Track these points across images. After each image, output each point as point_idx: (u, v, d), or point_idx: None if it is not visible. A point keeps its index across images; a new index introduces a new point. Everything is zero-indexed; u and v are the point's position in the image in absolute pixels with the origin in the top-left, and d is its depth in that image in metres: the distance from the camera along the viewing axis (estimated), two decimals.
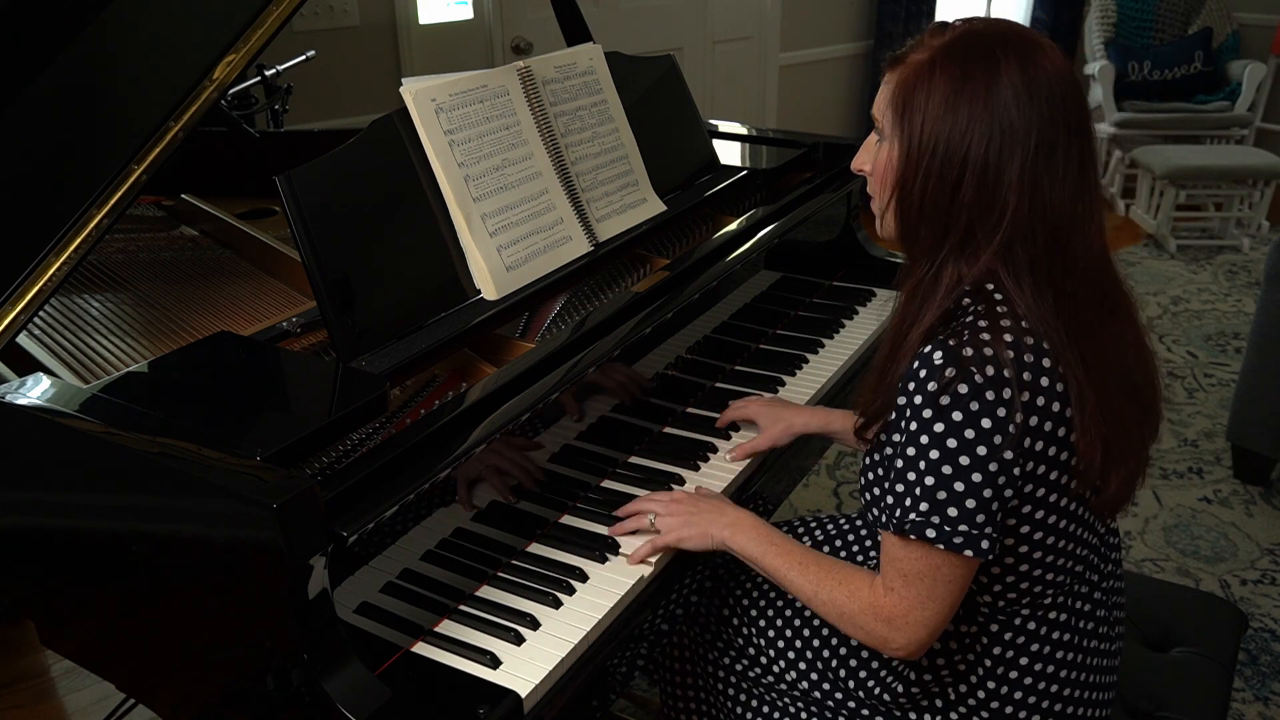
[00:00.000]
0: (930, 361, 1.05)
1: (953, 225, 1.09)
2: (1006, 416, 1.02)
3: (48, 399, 1.16)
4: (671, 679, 1.54)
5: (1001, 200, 1.06)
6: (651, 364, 1.55)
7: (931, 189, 1.09)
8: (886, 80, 1.15)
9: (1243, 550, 2.57)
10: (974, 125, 1.06)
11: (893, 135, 1.12)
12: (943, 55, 1.08)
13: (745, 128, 2.22)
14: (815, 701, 1.35)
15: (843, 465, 3.00)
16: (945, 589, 1.08)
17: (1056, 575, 1.17)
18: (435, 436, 1.18)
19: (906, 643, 1.10)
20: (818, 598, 1.18)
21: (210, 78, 1.31)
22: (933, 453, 1.04)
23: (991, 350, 1.03)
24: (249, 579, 1.03)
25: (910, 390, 1.06)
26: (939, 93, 1.07)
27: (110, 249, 1.78)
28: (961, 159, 1.06)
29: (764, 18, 4.50)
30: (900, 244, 1.17)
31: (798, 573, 1.20)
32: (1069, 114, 1.07)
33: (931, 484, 1.05)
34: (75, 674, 2.21)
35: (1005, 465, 1.04)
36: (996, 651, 1.20)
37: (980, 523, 1.04)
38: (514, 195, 1.48)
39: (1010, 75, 1.05)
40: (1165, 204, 4.55)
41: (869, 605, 1.12)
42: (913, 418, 1.06)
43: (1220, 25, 5.10)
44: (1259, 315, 2.67)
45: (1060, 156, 1.07)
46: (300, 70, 2.67)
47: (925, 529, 1.05)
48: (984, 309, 1.08)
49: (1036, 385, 1.05)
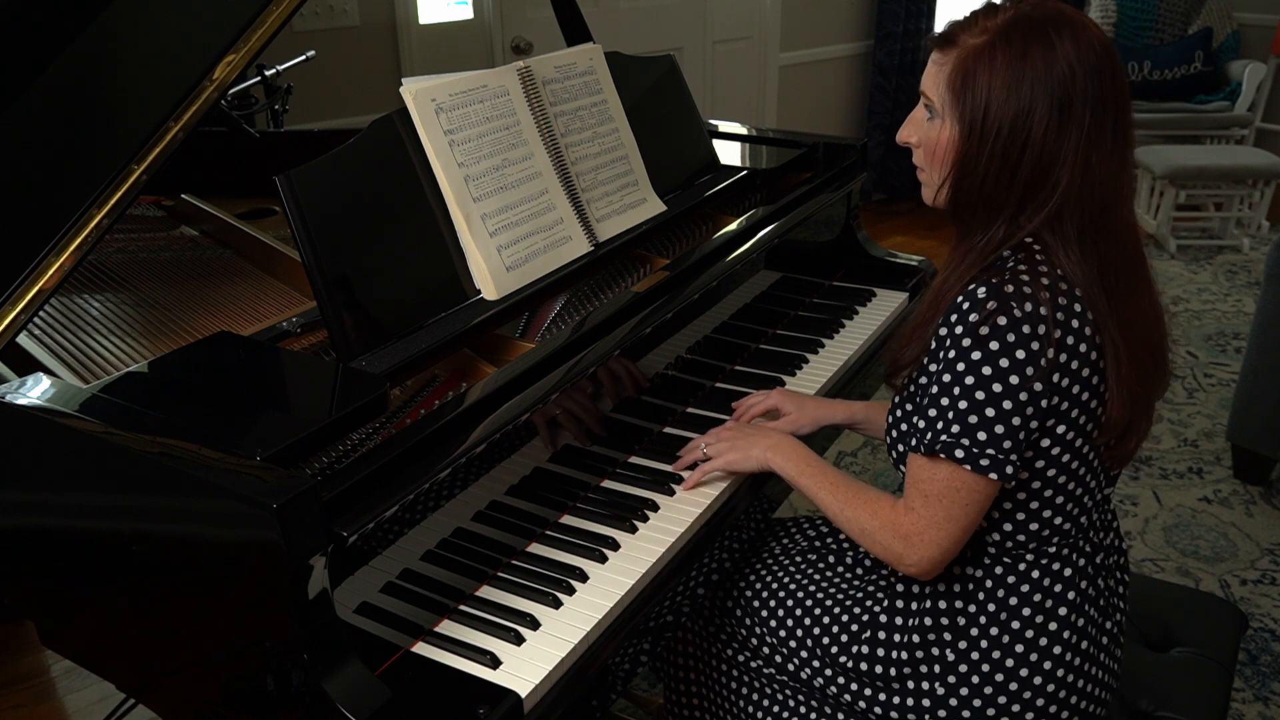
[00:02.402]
0: (974, 295, 1.11)
1: (1009, 200, 1.15)
2: (1039, 350, 1.09)
3: (48, 399, 1.16)
4: (675, 672, 1.54)
5: (1056, 176, 1.12)
6: (652, 364, 1.55)
7: (995, 169, 1.14)
8: (938, 60, 1.18)
9: (1243, 550, 2.57)
10: (1036, 105, 1.11)
11: (951, 115, 1.16)
12: (1001, 36, 1.13)
13: (745, 128, 2.21)
14: (819, 691, 1.36)
15: (843, 465, 3.00)
16: (962, 511, 1.14)
17: (1063, 521, 1.21)
18: (435, 436, 1.18)
19: (919, 559, 1.17)
20: (844, 514, 1.26)
21: (210, 78, 1.30)
22: (968, 378, 1.11)
23: (1031, 289, 1.10)
24: (249, 579, 1.03)
25: (952, 321, 1.13)
26: (1001, 75, 1.12)
27: (110, 249, 1.78)
28: (1024, 139, 1.12)
29: (764, 18, 4.50)
30: (953, 217, 1.22)
31: (828, 492, 1.28)
32: (1115, 89, 1.12)
33: (965, 408, 1.11)
34: (75, 674, 2.21)
35: (1034, 396, 1.10)
36: (1000, 595, 1.23)
37: (1006, 448, 1.11)
38: (514, 195, 1.48)
39: (1066, 55, 1.10)
40: (1165, 204, 4.54)
41: (889, 522, 1.20)
42: (951, 346, 1.12)
43: (1220, 25, 5.10)
44: (1259, 315, 2.67)
45: (1109, 132, 1.12)
46: (300, 70, 2.67)
47: (955, 449, 1.12)
48: (1024, 257, 1.15)
49: (1069, 326, 1.11)
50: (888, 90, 4.90)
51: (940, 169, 1.20)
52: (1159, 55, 5.01)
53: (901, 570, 1.21)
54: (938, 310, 1.18)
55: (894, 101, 4.93)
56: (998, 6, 1.17)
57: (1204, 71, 5.00)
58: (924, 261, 2.13)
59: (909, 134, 1.24)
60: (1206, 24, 5.09)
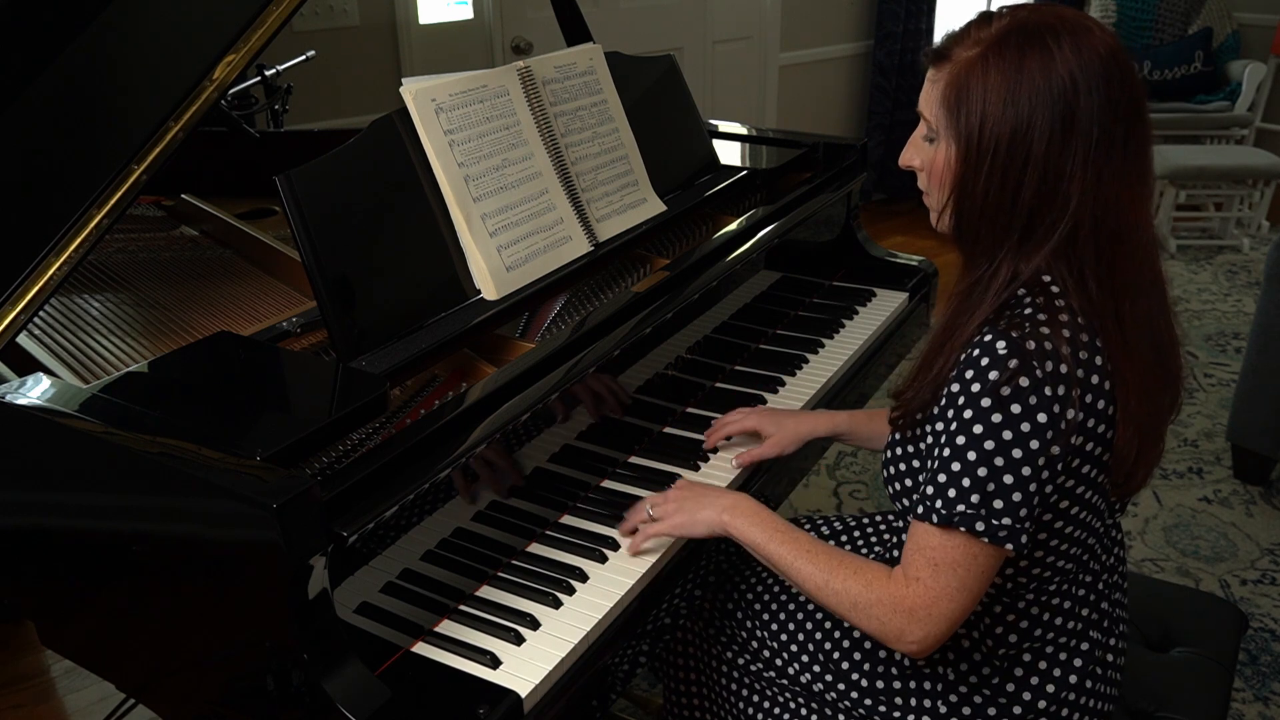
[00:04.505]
0: (994, 350, 1.02)
1: (1014, 223, 1.06)
2: (1060, 413, 1.02)
3: (48, 399, 1.16)
4: (675, 674, 1.54)
5: (1064, 195, 1.04)
6: (652, 364, 1.55)
7: (995, 189, 1.06)
8: (933, 78, 1.11)
9: (1243, 550, 2.57)
10: (1035, 119, 1.02)
11: (948, 135, 1.09)
12: (994, 48, 1.05)
13: (745, 128, 2.21)
14: (818, 695, 1.36)
15: (843, 465, 3.00)
16: (975, 581, 1.06)
17: (1064, 562, 1.17)
18: (435, 436, 1.18)
19: (924, 635, 1.07)
20: (829, 586, 1.13)
21: (210, 78, 1.30)
22: (987, 443, 1.02)
23: (1052, 345, 1.02)
24: (249, 579, 1.03)
25: (968, 378, 1.04)
26: (995, 89, 1.03)
27: (110, 249, 1.78)
28: (1024, 156, 1.03)
29: (764, 18, 4.50)
30: (957, 243, 1.15)
31: (805, 560, 1.15)
32: (1125, 96, 1.04)
33: (984, 475, 1.03)
34: (75, 674, 2.21)
35: (1051, 461, 1.03)
36: (999, 632, 1.20)
37: (1023, 517, 1.04)
38: (514, 195, 1.48)
39: (1066, 63, 1.02)
40: (1165, 204, 4.54)
41: (888, 596, 1.08)
42: (967, 405, 1.04)
43: (1220, 25, 5.10)
44: (1259, 315, 2.67)
45: (1119, 144, 1.04)
46: (300, 70, 2.67)
47: (975, 521, 1.03)
48: (1042, 302, 1.06)
49: (1088, 383, 1.05)
50: (888, 90, 4.90)
51: (942, 192, 1.12)
52: (1159, 55, 5.01)
53: (898, 650, 1.09)
54: (948, 349, 1.10)
55: (894, 101, 4.93)
56: (992, 15, 1.09)
57: (1204, 71, 5.00)
58: (924, 261, 2.13)
59: (910, 157, 1.17)
60: (1206, 24, 5.09)
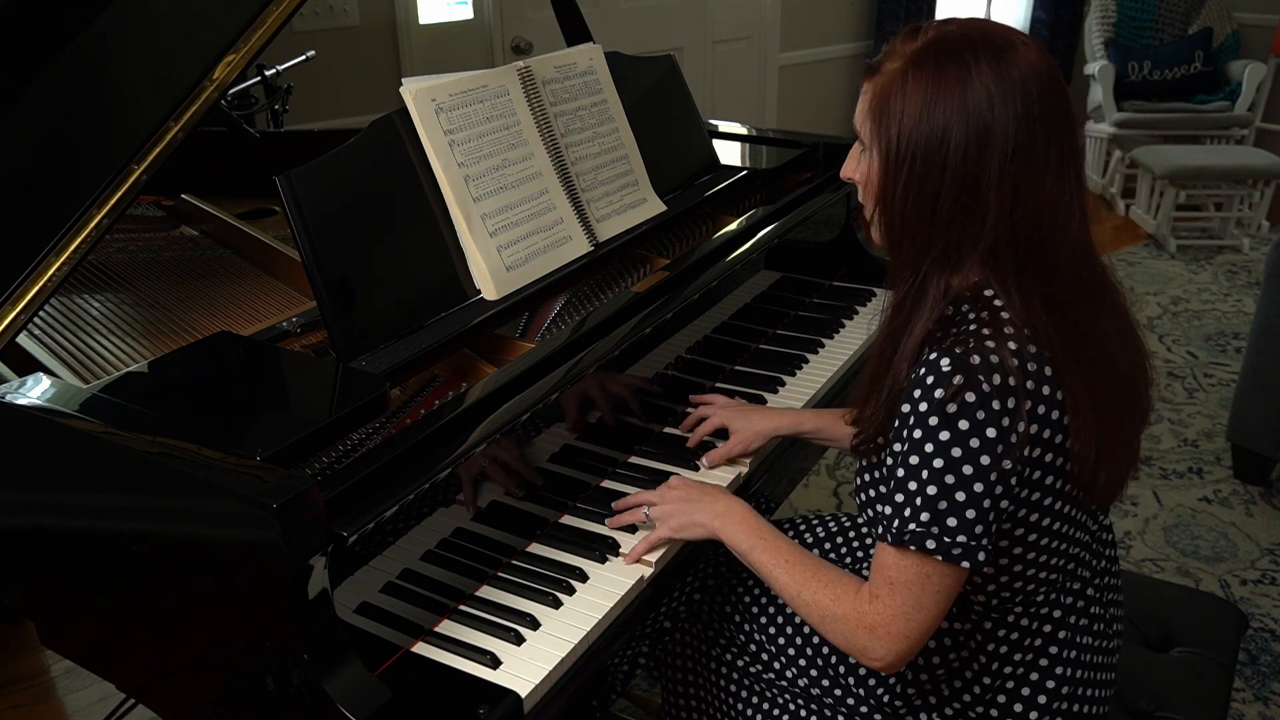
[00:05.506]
0: (938, 369, 1.03)
1: (935, 235, 1.08)
2: (1010, 426, 1.02)
3: (48, 399, 1.16)
4: (673, 675, 1.54)
5: (982, 207, 1.05)
6: (652, 364, 1.55)
7: (912, 199, 1.07)
8: (864, 90, 1.13)
9: (1243, 550, 2.57)
10: (949, 131, 1.04)
11: (872, 146, 1.11)
12: (915, 62, 1.07)
13: (745, 128, 2.22)
14: (816, 699, 1.35)
15: (843, 465, 3.00)
16: (932, 599, 1.06)
17: (1049, 574, 1.17)
18: (435, 436, 1.18)
19: (885, 653, 1.08)
20: (801, 597, 1.16)
21: (210, 78, 1.31)
22: (936, 461, 1.03)
23: (998, 358, 1.02)
24: (249, 579, 1.03)
25: (916, 397, 1.04)
26: (913, 101, 1.05)
27: (110, 249, 1.78)
28: (940, 167, 1.05)
29: (764, 18, 4.50)
30: (888, 253, 1.16)
31: (783, 570, 1.19)
32: (1046, 111, 1.04)
33: (934, 493, 1.03)
34: (75, 674, 2.21)
35: (1004, 475, 1.03)
36: (990, 648, 1.20)
37: (978, 534, 1.04)
38: (514, 195, 1.48)
39: (982, 77, 1.03)
40: (1165, 204, 4.54)
41: (853, 612, 1.11)
42: (916, 425, 1.04)
43: (1220, 25, 5.10)
44: (1259, 315, 2.67)
45: (1039, 157, 1.05)
46: (300, 70, 2.67)
47: (925, 539, 1.04)
48: (986, 316, 1.06)
49: (1039, 394, 1.04)
50: None
51: (870, 203, 1.14)
52: (1159, 55, 5.01)
53: (865, 664, 1.11)
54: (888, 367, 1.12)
55: None
56: (919, 29, 1.10)
57: (1204, 71, 5.00)
58: None
59: (849, 170, 1.19)
60: (1206, 24, 5.09)
